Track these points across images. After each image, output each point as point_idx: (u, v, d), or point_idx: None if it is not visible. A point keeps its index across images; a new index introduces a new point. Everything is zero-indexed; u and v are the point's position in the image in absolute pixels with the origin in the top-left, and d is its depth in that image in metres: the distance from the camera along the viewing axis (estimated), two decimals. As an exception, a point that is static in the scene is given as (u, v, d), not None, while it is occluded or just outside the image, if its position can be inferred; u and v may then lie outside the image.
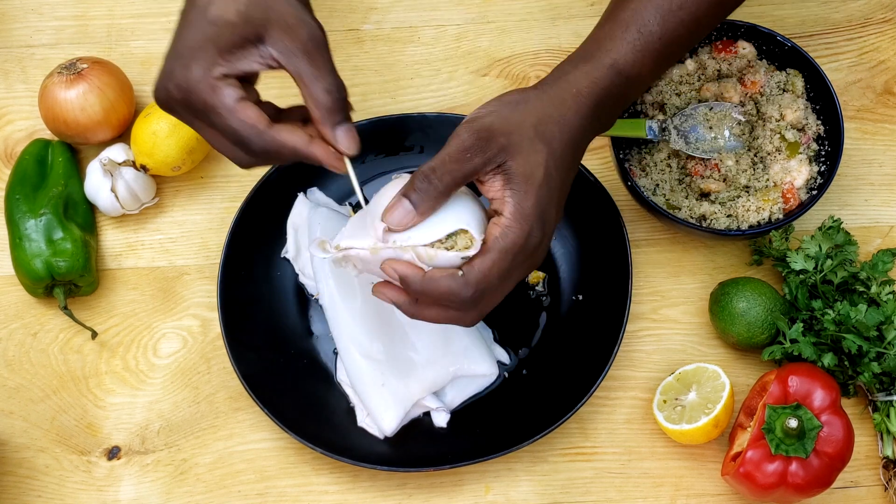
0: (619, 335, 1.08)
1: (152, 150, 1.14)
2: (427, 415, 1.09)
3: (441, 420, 1.08)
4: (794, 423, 0.98)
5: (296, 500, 1.08)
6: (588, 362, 1.08)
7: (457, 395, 1.09)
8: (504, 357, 1.11)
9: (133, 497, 1.08)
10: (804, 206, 1.11)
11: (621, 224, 1.11)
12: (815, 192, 1.11)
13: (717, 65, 1.16)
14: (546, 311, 1.13)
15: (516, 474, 1.09)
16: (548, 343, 1.11)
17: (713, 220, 1.11)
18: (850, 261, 1.09)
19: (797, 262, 1.09)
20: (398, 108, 1.22)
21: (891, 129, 1.21)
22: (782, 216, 1.11)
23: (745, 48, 1.16)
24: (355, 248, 0.90)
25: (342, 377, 1.10)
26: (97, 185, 1.15)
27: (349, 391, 1.09)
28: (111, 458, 1.10)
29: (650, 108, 1.16)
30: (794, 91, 1.15)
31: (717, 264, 1.16)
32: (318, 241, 0.92)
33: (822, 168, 1.13)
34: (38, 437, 1.10)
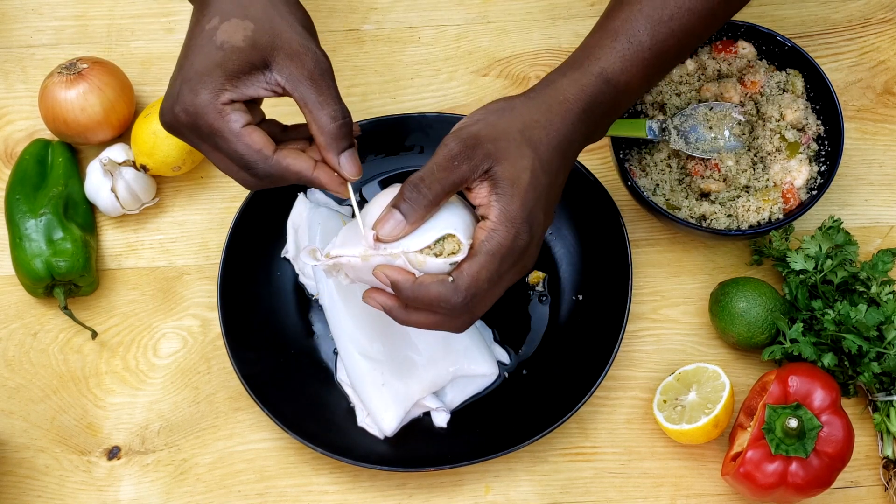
0: (619, 335, 1.08)
1: (152, 150, 1.14)
2: (427, 415, 1.09)
3: (441, 420, 1.08)
4: (794, 423, 0.98)
5: (296, 500, 1.08)
6: (588, 362, 1.08)
7: (457, 395, 1.09)
8: (504, 357, 1.11)
9: (133, 497, 1.08)
10: (804, 206, 1.11)
11: (621, 224, 1.11)
12: (815, 192, 1.11)
13: (717, 65, 1.16)
14: (546, 311, 1.13)
15: (516, 474, 1.09)
16: (548, 343, 1.11)
17: (713, 220, 1.11)
18: (850, 261, 1.09)
19: (797, 262, 1.09)
20: (398, 108, 1.22)
21: (891, 129, 1.21)
22: (782, 216, 1.11)
23: (745, 48, 1.16)
24: (346, 256, 0.90)
25: (342, 377, 1.10)
26: (97, 185, 1.15)
27: (349, 391, 1.10)
28: (111, 458, 1.10)
29: (650, 108, 1.16)
30: (794, 91, 1.15)
31: (717, 264, 1.16)
32: (308, 248, 0.94)
33: (822, 168, 1.13)
34: (38, 437, 1.10)
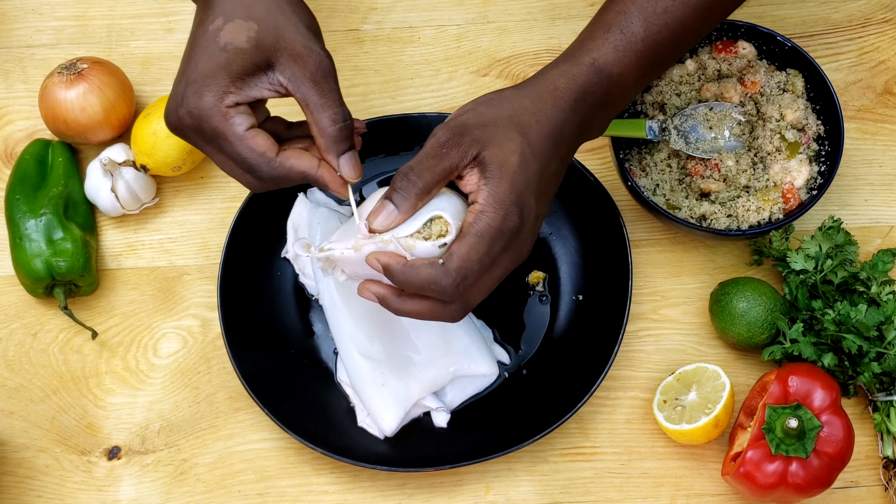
0: (619, 335, 1.08)
1: (152, 150, 1.14)
2: (427, 415, 1.09)
3: (441, 420, 1.08)
4: (794, 423, 0.98)
5: (296, 500, 1.08)
6: (588, 362, 1.08)
7: (457, 395, 1.09)
8: (504, 357, 1.11)
9: (133, 497, 1.08)
10: (804, 206, 1.10)
11: (621, 224, 1.11)
12: (815, 192, 1.11)
13: (717, 65, 1.16)
14: (546, 311, 1.13)
15: (516, 474, 1.09)
16: (548, 343, 1.11)
17: (713, 220, 1.11)
18: (850, 261, 1.09)
19: (797, 262, 1.09)
20: (398, 108, 1.22)
21: (891, 129, 1.21)
22: (782, 216, 1.11)
23: (745, 48, 1.16)
24: (338, 248, 0.91)
25: (342, 377, 1.10)
26: (97, 185, 1.15)
27: (349, 391, 1.10)
28: (111, 458, 1.10)
29: (650, 108, 1.16)
30: (794, 91, 1.15)
31: (717, 264, 1.16)
32: (302, 241, 0.95)
33: (822, 168, 1.13)
34: (38, 437, 1.10)
